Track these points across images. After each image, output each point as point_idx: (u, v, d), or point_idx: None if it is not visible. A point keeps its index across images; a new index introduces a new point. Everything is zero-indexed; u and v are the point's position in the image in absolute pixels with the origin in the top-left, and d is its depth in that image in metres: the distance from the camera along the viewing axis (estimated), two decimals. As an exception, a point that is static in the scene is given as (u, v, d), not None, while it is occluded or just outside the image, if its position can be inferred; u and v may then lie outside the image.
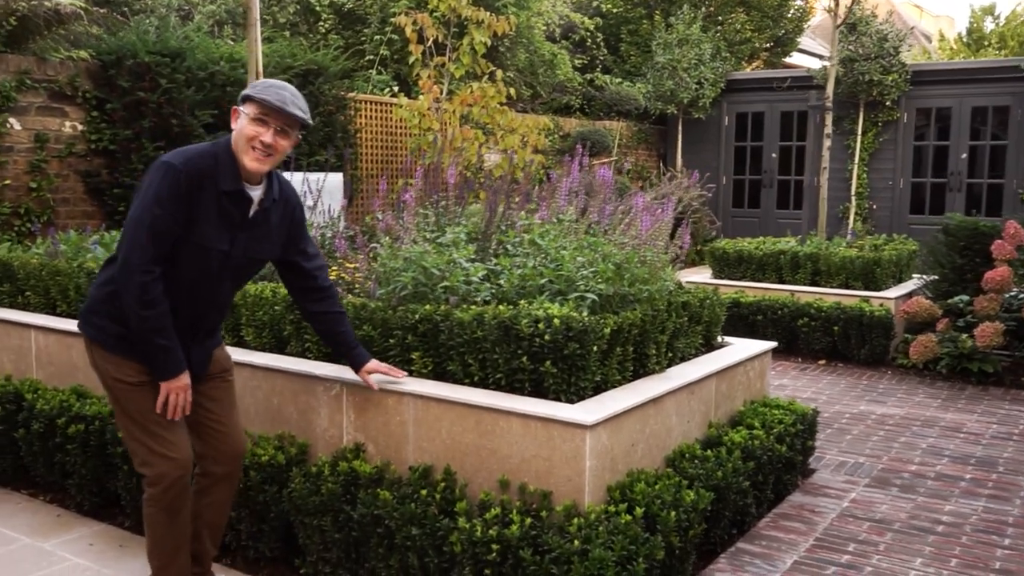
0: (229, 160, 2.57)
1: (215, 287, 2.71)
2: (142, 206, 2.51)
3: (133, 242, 2.51)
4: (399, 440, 3.08)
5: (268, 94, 2.53)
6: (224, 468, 2.83)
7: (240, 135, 2.56)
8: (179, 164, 2.51)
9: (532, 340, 2.90)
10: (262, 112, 2.54)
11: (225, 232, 2.61)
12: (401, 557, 2.83)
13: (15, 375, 4.23)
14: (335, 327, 3.01)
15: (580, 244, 3.38)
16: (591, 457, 2.74)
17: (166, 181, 2.49)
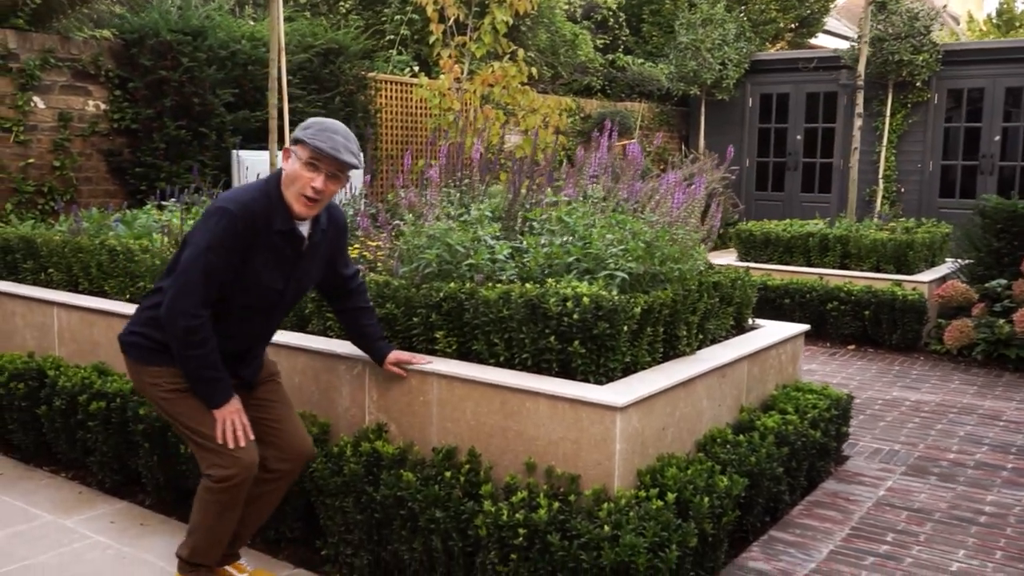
0: (281, 199, 2.57)
1: (267, 322, 2.75)
2: (196, 250, 2.51)
3: (184, 286, 2.51)
4: (422, 421, 3.02)
5: (321, 140, 2.51)
6: (289, 465, 2.79)
7: (291, 178, 2.55)
8: (235, 209, 2.49)
9: (560, 319, 2.82)
10: (314, 157, 2.52)
11: (278, 271, 2.62)
12: (424, 540, 2.76)
13: (38, 352, 4.21)
14: (362, 320, 3.00)
15: (608, 222, 3.28)
16: (621, 440, 2.66)
17: (221, 226, 2.49)
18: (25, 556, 3.08)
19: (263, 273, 2.59)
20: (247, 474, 2.58)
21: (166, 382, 2.64)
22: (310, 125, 2.57)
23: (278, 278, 2.62)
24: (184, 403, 2.62)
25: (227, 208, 2.51)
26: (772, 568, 2.88)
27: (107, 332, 3.93)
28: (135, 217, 4.66)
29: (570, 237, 3.26)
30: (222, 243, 2.49)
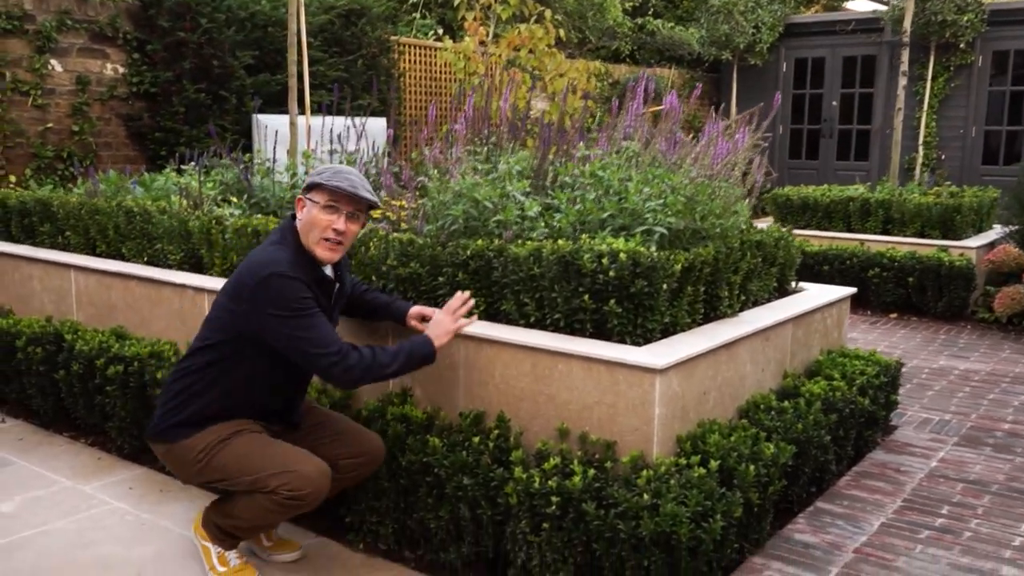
0: (301, 250, 2.54)
1: (305, 371, 2.67)
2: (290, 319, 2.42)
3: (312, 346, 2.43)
4: (448, 384, 2.87)
5: (339, 181, 2.50)
6: (363, 460, 2.66)
7: (310, 225, 2.52)
8: (285, 269, 2.43)
9: (595, 277, 2.65)
10: (332, 199, 2.51)
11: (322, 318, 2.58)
12: (452, 508, 2.63)
13: (56, 316, 4.12)
14: (368, 298, 2.93)
15: (645, 176, 3.08)
16: (660, 404, 2.49)
17: (289, 288, 2.42)
18: (43, 522, 2.99)
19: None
20: (318, 492, 2.45)
21: (199, 445, 2.51)
22: (323, 171, 2.55)
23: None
24: (222, 455, 2.49)
25: (275, 272, 2.44)
26: (820, 540, 2.71)
27: (124, 295, 3.82)
28: (153, 180, 4.54)
29: (604, 192, 3.07)
30: (300, 295, 2.44)
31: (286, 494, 2.40)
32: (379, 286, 3.16)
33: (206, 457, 2.50)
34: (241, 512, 2.51)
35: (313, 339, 2.43)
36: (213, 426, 2.53)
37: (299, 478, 2.41)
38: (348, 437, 2.66)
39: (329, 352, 2.43)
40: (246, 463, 2.46)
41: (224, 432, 2.52)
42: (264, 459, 2.46)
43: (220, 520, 2.57)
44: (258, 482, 2.43)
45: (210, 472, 2.51)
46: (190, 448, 2.52)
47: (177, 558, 2.75)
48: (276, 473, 2.42)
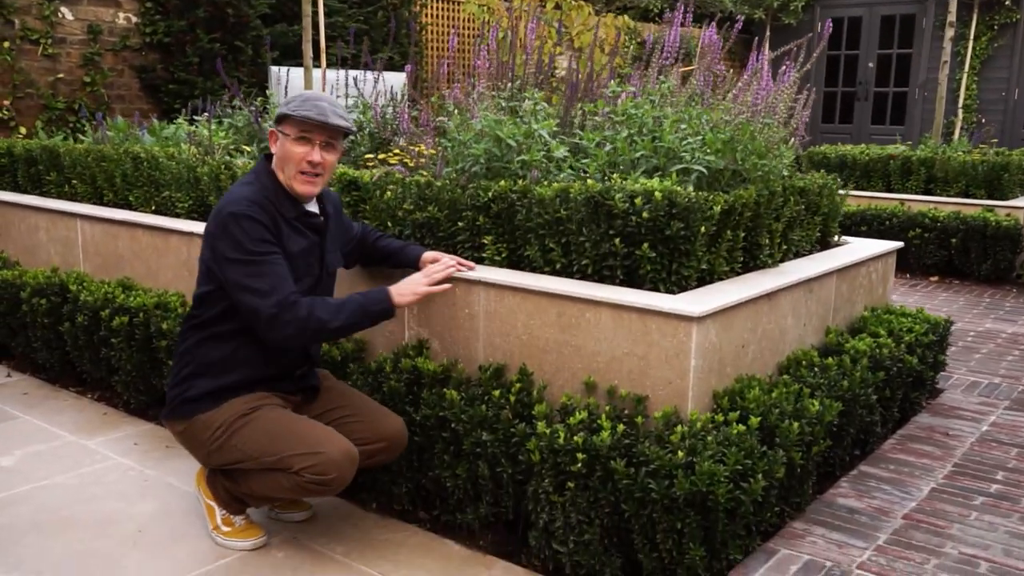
0: (278, 187, 2.39)
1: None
2: (242, 260, 2.25)
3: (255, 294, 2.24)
4: (468, 335, 2.68)
5: (306, 109, 2.33)
6: (382, 445, 2.45)
7: (284, 159, 2.37)
8: (245, 208, 2.27)
9: (627, 218, 2.44)
10: (303, 130, 2.35)
11: (312, 257, 2.45)
12: (469, 466, 2.45)
13: (62, 267, 3.98)
14: (379, 244, 2.76)
15: (681, 114, 2.86)
16: (696, 356, 2.29)
17: (246, 228, 2.25)
18: (44, 476, 2.86)
19: (300, 264, 2.38)
20: (343, 479, 2.26)
21: (217, 421, 2.34)
22: (291, 99, 2.39)
23: (316, 263, 2.46)
24: (244, 432, 2.31)
25: (235, 212, 2.26)
26: (865, 506, 2.51)
27: (131, 244, 3.66)
28: (163, 128, 4.37)
29: (636, 131, 2.85)
30: (259, 237, 2.26)
31: (310, 477, 2.23)
32: (395, 233, 2.98)
33: (224, 435, 2.32)
34: (254, 486, 2.35)
35: (258, 289, 2.24)
36: (232, 399, 2.36)
37: (327, 461, 2.22)
38: (367, 420, 2.44)
39: (265, 303, 2.23)
40: (269, 442, 2.28)
41: (244, 407, 2.34)
42: (290, 437, 2.27)
43: (230, 485, 2.41)
44: (282, 462, 2.26)
45: (230, 451, 2.33)
46: (208, 424, 2.34)
47: (180, 515, 2.61)
48: (302, 454, 2.23)
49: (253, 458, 2.30)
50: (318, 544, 2.47)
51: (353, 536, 2.53)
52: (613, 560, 2.23)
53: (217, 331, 2.37)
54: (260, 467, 2.31)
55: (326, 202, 2.55)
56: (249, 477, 2.35)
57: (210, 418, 2.35)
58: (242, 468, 2.35)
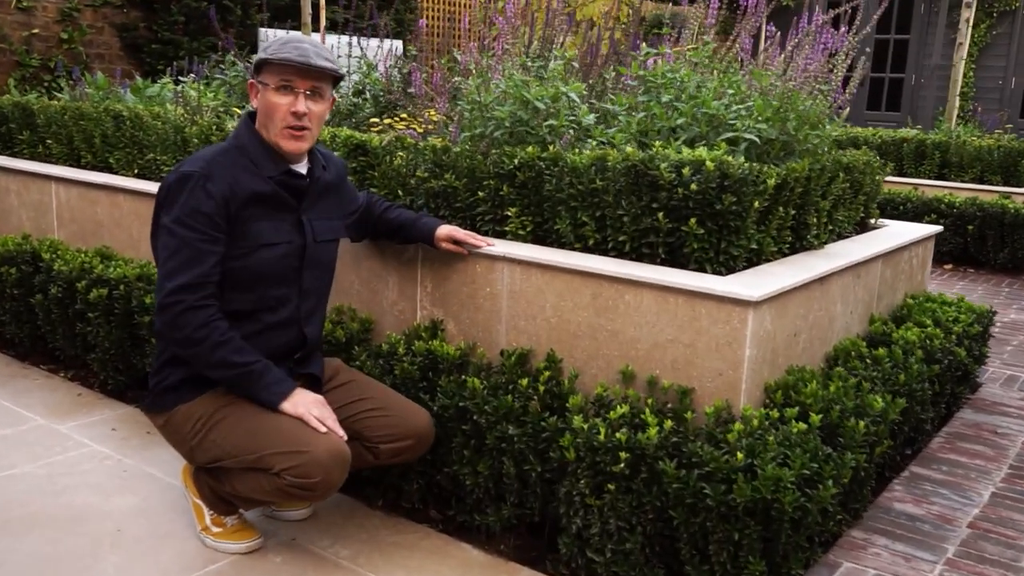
0: (260, 145, 2.10)
1: (304, 293, 2.19)
2: (165, 229, 1.99)
3: (164, 270, 2.00)
4: (488, 317, 2.42)
5: (286, 52, 2.02)
6: (408, 443, 2.16)
7: (266, 113, 2.07)
8: (198, 169, 2.01)
9: (673, 191, 2.18)
10: (284, 78, 2.04)
11: (287, 224, 2.13)
12: (492, 462, 2.20)
13: (35, 234, 3.66)
14: (391, 216, 2.46)
15: (725, 80, 2.60)
16: (752, 345, 2.05)
17: (185, 193, 1.99)
18: (10, 465, 2.57)
19: (268, 233, 2.07)
20: (330, 482, 1.96)
21: (197, 412, 2.07)
22: (270, 44, 2.10)
23: (290, 231, 2.13)
24: (222, 426, 2.03)
25: (189, 172, 1.99)
26: (925, 512, 2.29)
27: (111, 211, 3.36)
28: (146, 86, 4.04)
29: (675, 96, 2.59)
30: (194, 211, 1.96)
31: (291, 480, 1.94)
32: (406, 203, 2.70)
33: (204, 428, 2.04)
34: (237, 486, 2.06)
35: (164, 265, 1.98)
36: (215, 388, 2.07)
37: (310, 462, 1.93)
38: (393, 414, 2.14)
39: (164, 285, 1.97)
40: (249, 438, 2.00)
41: (225, 398, 2.06)
42: (272, 433, 1.98)
43: (214, 484, 2.14)
44: (262, 460, 1.97)
45: (208, 447, 2.05)
46: (188, 416, 2.06)
47: (163, 511, 2.34)
48: (284, 452, 1.94)
49: (232, 456, 2.02)
50: (320, 547, 2.21)
51: (359, 538, 2.27)
52: (656, 572, 2.00)
53: None
54: (241, 466, 2.04)
55: (327, 166, 2.24)
56: (231, 476, 2.08)
57: (190, 409, 2.07)
58: (224, 467, 2.08)
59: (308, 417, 1.99)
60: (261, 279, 2.07)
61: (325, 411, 2.03)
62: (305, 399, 2.03)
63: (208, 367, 2.00)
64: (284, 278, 2.12)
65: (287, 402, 2.00)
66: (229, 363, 1.98)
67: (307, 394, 2.05)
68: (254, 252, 2.05)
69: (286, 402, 2.00)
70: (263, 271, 2.07)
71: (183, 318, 1.95)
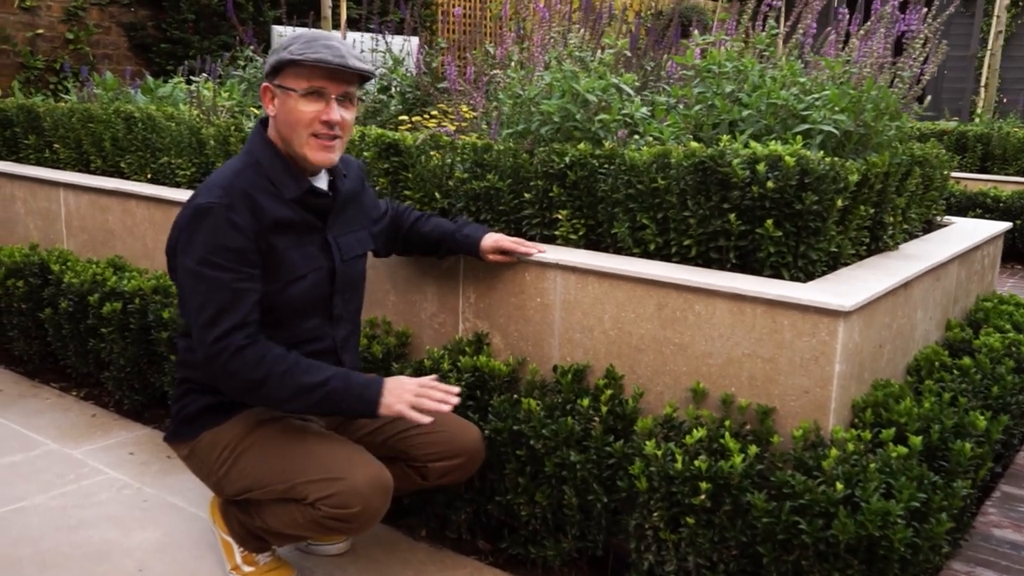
0: (277, 159, 1.83)
1: (335, 319, 1.96)
2: (190, 271, 1.72)
3: (198, 322, 1.73)
4: (539, 330, 2.21)
5: (316, 51, 1.74)
6: (457, 461, 1.96)
7: (291, 122, 1.79)
8: (218, 200, 1.74)
9: (746, 189, 1.97)
10: (315, 82, 1.77)
11: (314, 248, 1.89)
12: (551, 491, 2.00)
13: (43, 244, 3.47)
14: (427, 228, 2.21)
15: (790, 70, 2.39)
16: (842, 359, 1.84)
17: (211, 231, 1.72)
18: (20, 496, 2.38)
19: (299, 264, 1.84)
20: (370, 512, 1.76)
21: (223, 440, 1.86)
22: (290, 42, 1.79)
23: (319, 255, 1.89)
24: (250, 454, 1.83)
25: (209, 204, 1.72)
26: (1027, 540, 2.08)
27: (123, 218, 3.16)
28: (158, 86, 3.85)
29: (738, 87, 2.37)
30: (223, 246, 1.71)
31: (327, 511, 1.73)
32: (443, 206, 2.50)
33: (231, 456, 1.84)
34: (269, 519, 1.86)
35: (199, 312, 1.72)
36: (242, 412, 1.87)
37: (348, 491, 1.72)
38: (437, 429, 1.92)
39: (204, 336, 1.71)
40: (279, 465, 1.79)
41: (253, 421, 1.86)
42: (303, 459, 1.78)
43: (244, 519, 1.93)
44: (294, 490, 1.77)
45: (237, 477, 1.84)
46: (214, 444, 1.86)
47: (189, 547, 2.14)
48: (318, 481, 1.74)
49: (262, 486, 1.82)
50: (362, 586, 2.01)
51: (403, 575, 2.06)
52: (741, 614, 1.79)
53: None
54: (272, 497, 1.83)
55: (347, 172, 2.00)
56: (262, 509, 1.87)
57: (216, 436, 1.87)
58: (254, 499, 1.88)
59: (409, 414, 1.75)
60: (294, 313, 1.86)
61: (422, 390, 1.79)
62: (398, 394, 1.77)
63: (284, 403, 1.75)
64: (315, 307, 1.89)
65: (382, 407, 1.77)
66: (305, 388, 1.73)
67: (396, 385, 1.80)
68: (286, 288, 1.82)
69: (381, 408, 1.77)
70: (295, 305, 1.85)
71: (234, 363, 1.71)
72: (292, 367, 1.74)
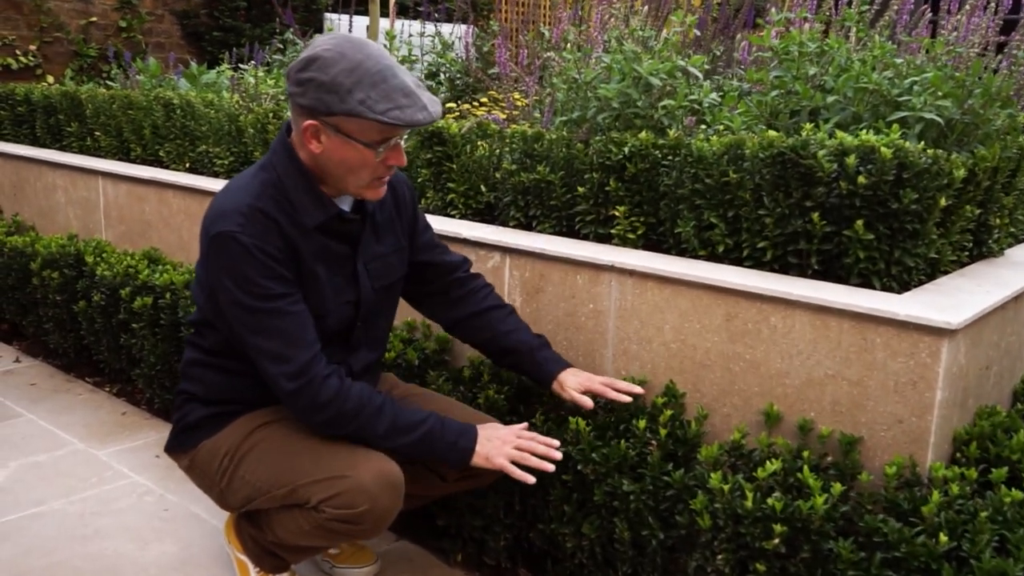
0: (302, 182, 1.59)
1: (349, 347, 1.73)
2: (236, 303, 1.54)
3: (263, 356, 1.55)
4: (591, 339, 1.99)
5: (394, 102, 1.47)
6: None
7: (350, 167, 1.56)
8: (238, 229, 1.51)
9: (833, 185, 1.72)
10: (391, 132, 1.53)
11: (339, 277, 1.67)
12: (601, 522, 1.78)
13: (82, 234, 3.38)
14: (499, 323, 1.89)
15: (883, 51, 2.11)
16: (944, 385, 1.57)
17: (239, 262, 1.52)
18: (39, 500, 2.25)
19: (320, 290, 1.63)
20: (380, 511, 1.57)
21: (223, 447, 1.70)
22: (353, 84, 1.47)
23: (346, 288, 1.68)
24: (250, 458, 1.67)
25: (224, 234, 1.51)
26: None
27: (160, 209, 3.04)
28: (202, 72, 3.73)
29: (823, 68, 2.11)
30: (257, 276, 1.52)
31: (332, 512, 1.55)
32: (489, 199, 2.30)
33: (231, 464, 1.67)
34: (278, 531, 1.68)
35: (270, 351, 1.54)
36: (239, 419, 1.70)
37: (352, 489, 1.54)
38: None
39: (283, 371, 1.53)
40: (277, 468, 1.62)
41: (250, 425, 1.69)
42: (302, 458, 1.60)
43: (256, 534, 1.76)
44: (295, 493, 1.59)
45: (238, 486, 1.67)
46: (214, 453, 1.69)
47: (207, 564, 1.98)
48: (319, 481, 1.56)
49: (263, 493, 1.64)
50: (390, 618, 1.82)
51: (435, 606, 1.87)
52: None
53: (226, 365, 1.70)
54: (276, 504, 1.65)
55: (394, 190, 1.78)
56: (271, 520, 1.70)
57: (215, 445, 1.70)
58: (261, 508, 1.70)
59: (510, 469, 1.61)
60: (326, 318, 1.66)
61: (522, 443, 1.64)
62: (496, 445, 1.63)
63: (379, 439, 1.58)
64: (332, 338, 1.68)
65: (477, 456, 1.62)
66: (403, 427, 1.58)
67: (493, 435, 1.65)
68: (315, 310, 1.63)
69: (476, 457, 1.62)
70: (321, 332, 1.64)
71: (324, 394, 1.54)
72: (386, 401, 1.60)
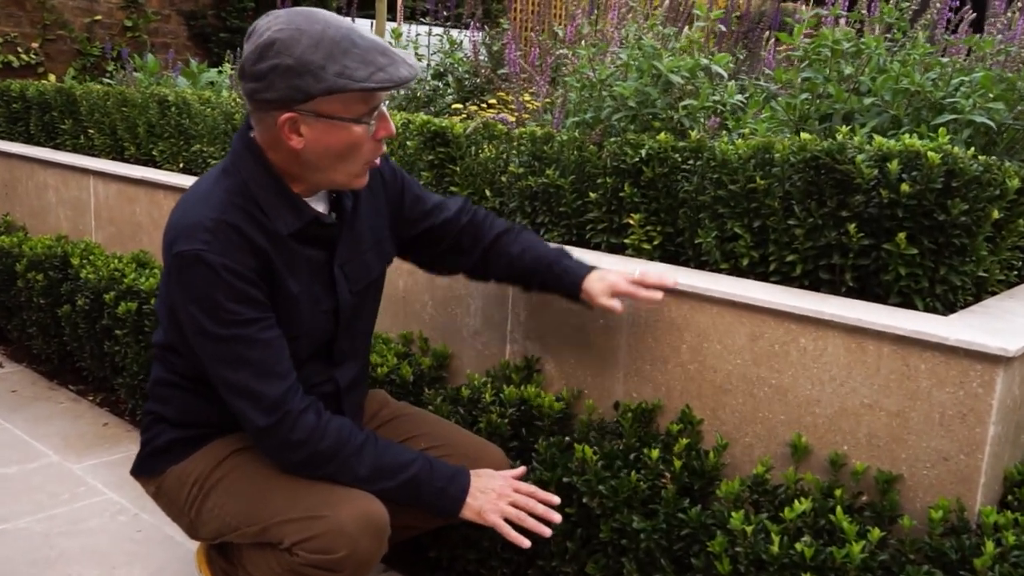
0: (271, 184, 1.41)
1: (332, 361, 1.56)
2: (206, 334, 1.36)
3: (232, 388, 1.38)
4: (600, 358, 1.82)
5: (379, 65, 1.31)
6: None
7: (340, 154, 1.38)
8: (204, 248, 1.33)
9: (872, 194, 1.55)
10: (376, 99, 1.36)
11: (317, 285, 1.49)
12: (607, 562, 1.60)
13: (72, 236, 3.24)
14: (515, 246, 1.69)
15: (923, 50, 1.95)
16: (998, 419, 1.40)
17: (202, 282, 1.34)
18: (5, 516, 2.10)
19: (305, 312, 1.46)
20: (361, 556, 1.38)
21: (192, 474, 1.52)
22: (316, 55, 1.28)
23: (323, 293, 1.50)
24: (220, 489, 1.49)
25: (186, 254, 1.33)
26: None
27: (151, 210, 2.90)
28: (202, 71, 3.60)
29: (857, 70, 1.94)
30: (226, 300, 1.34)
31: (307, 556, 1.36)
32: (494, 204, 2.14)
33: (200, 493, 1.49)
34: (248, 567, 1.50)
35: (237, 383, 1.37)
36: (210, 444, 1.53)
37: (330, 531, 1.35)
38: (452, 452, 1.57)
39: (255, 406, 1.36)
40: (250, 502, 1.44)
41: (224, 451, 1.51)
42: (277, 494, 1.42)
43: (227, 567, 1.60)
44: (267, 532, 1.41)
45: (207, 518, 1.49)
46: (181, 480, 1.51)
47: (177, 596, 1.82)
48: (294, 520, 1.38)
49: (232, 528, 1.46)
50: (372, 661, 1.65)
51: (423, 648, 1.70)
52: None
53: (196, 388, 1.53)
54: (247, 540, 1.48)
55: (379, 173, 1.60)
56: (242, 557, 1.52)
57: (183, 471, 1.52)
58: (233, 542, 1.53)
59: (504, 529, 1.45)
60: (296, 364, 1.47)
61: (518, 499, 1.49)
62: (490, 497, 1.48)
63: (361, 481, 1.42)
64: (313, 353, 1.52)
65: (467, 509, 1.47)
66: (387, 469, 1.42)
67: (487, 484, 1.50)
68: (291, 342, 1.44)
69: (466, 509, 1.47)
70: (296, 355, 1.46)
71: (299, 431, 1.38)
72: (368, 439, 1.43)
